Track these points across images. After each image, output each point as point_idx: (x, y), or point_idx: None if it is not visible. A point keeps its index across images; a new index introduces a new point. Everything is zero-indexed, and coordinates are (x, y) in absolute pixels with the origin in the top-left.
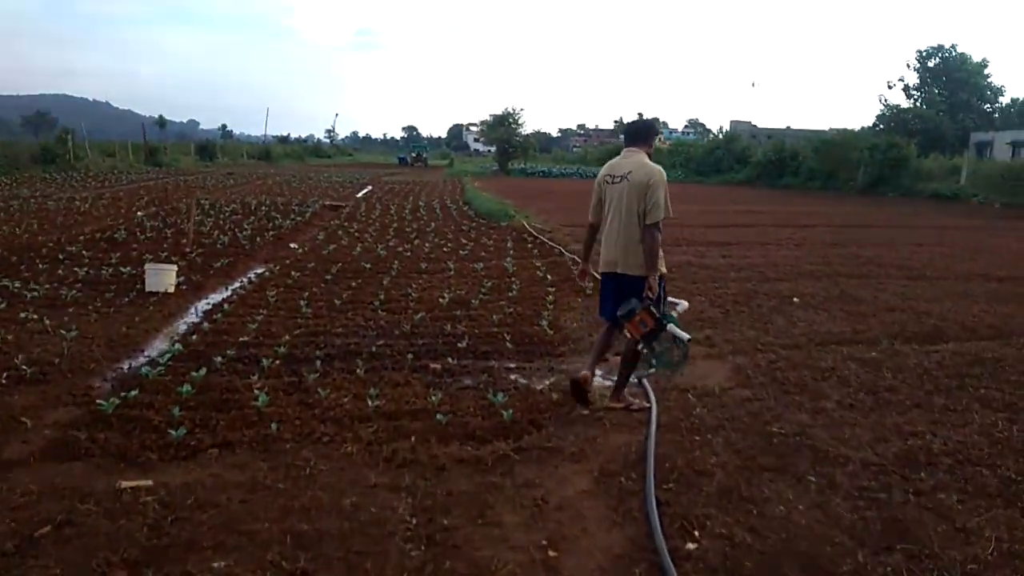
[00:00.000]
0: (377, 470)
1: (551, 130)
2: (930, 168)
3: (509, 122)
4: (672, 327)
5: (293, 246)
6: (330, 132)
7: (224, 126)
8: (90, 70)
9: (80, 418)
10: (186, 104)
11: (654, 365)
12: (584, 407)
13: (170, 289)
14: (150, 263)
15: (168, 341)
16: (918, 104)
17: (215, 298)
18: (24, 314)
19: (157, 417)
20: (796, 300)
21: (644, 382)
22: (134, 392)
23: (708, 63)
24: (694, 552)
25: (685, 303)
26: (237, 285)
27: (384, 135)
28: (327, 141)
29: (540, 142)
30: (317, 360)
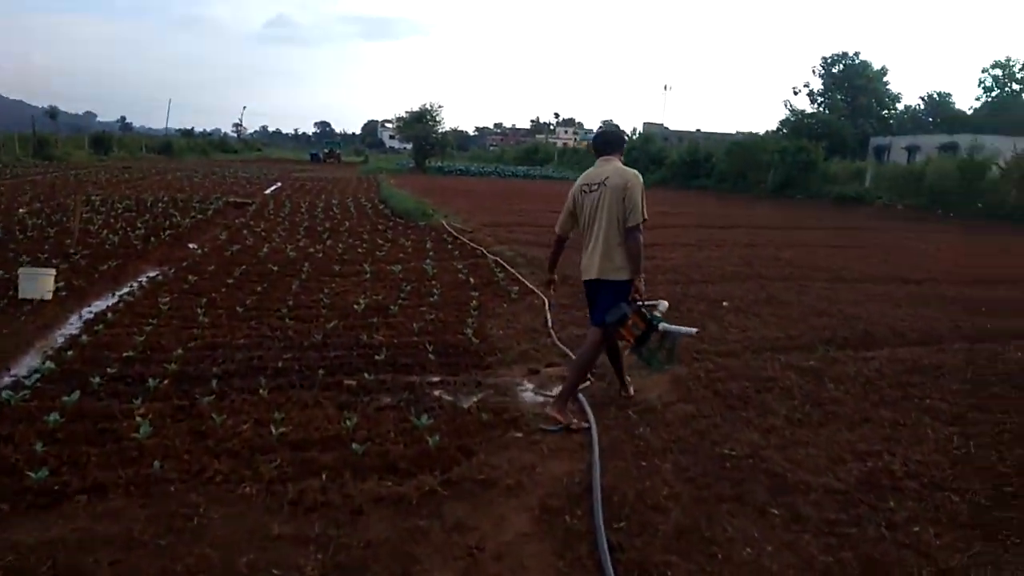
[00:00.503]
0: (280, 516)
1: (468, 128)
2: (836, 171)
3: (427, 119)
4: (673, 326)
5: (192, 246)
6: (237, 126)
7: (123, 118)
8: None
9: None
10: (82, 95)
11: (651, 365)
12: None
13: (47, 296)
14: (25, 267)
15: (40, 357)
16: (822, 109)
17: (99, 306)
18: None
19: (15, 455)
20: (726, 304)
21: (580, 397)
22: None
23: (621, 65)
24: None
25: (665, 302)
26: (126, 291)
27: (296, 130)
28: (234, 136)
29: (457, 140)
30: (213, 379)
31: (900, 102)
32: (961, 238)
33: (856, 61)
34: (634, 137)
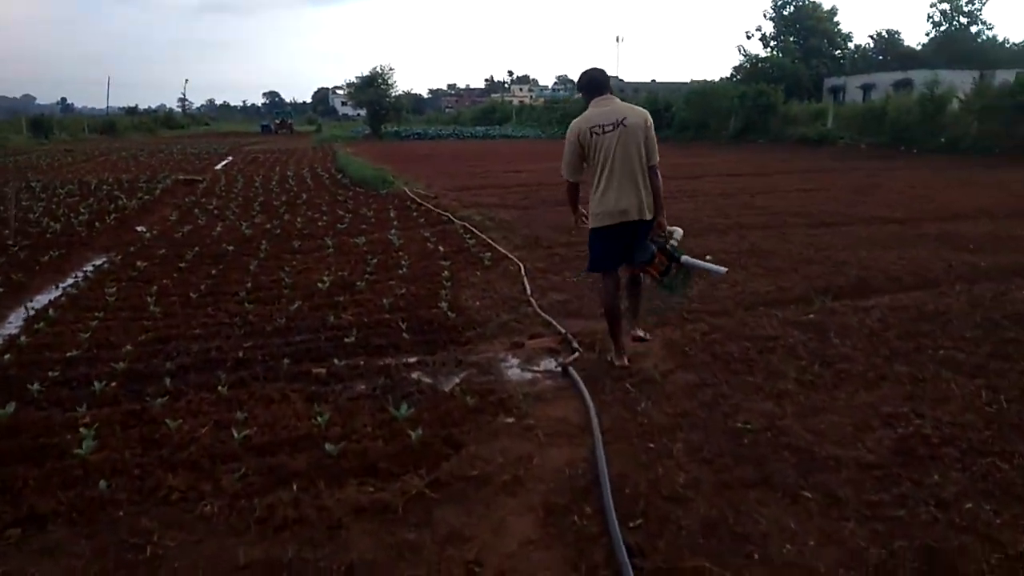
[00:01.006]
0: (247, 538)
1: (421, 91)
2: (796, 113)
3: (379, 83)
4: (702, 261)
5: (140, 229)
6: (183, 101)
7: (63, 100)
8: None
9: None
10: (19, 78)
11: (672, 291)
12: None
13: None
14: None
15: None
16: (775, 53)
17: (41, 300)
18: None
19: None
20: (709, 258)
21: (571, 370)
22: None
23: (572, 19)
24: None
25: (680, 230)
26: (69, 282)
27: (244, 102)
28: (180, 111)
29: (412, 103)
30: (166, 376)
31: (851, 41)
32: (929, 174)
33: (805, 2)
34: None
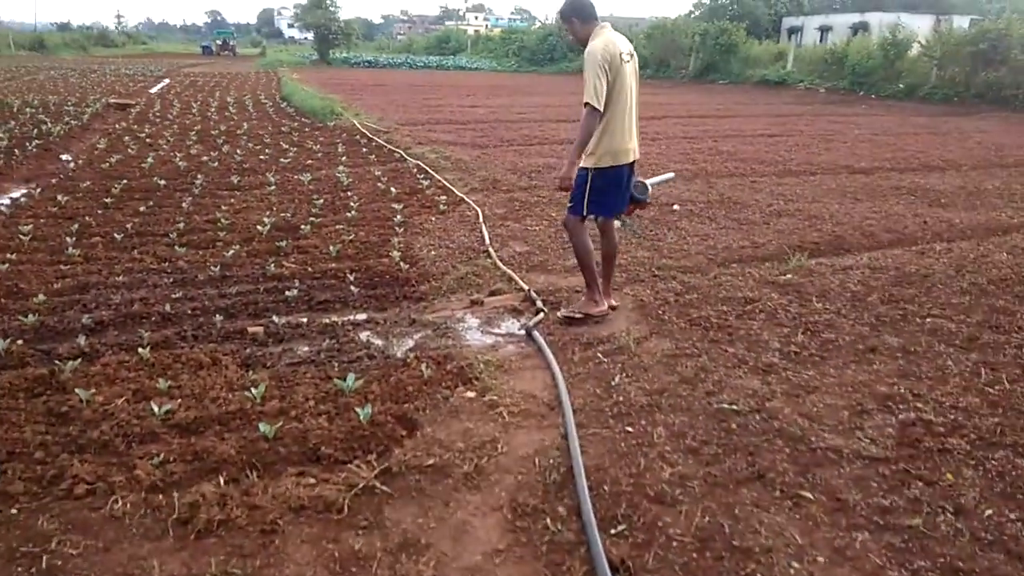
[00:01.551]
0: (164, 546)
1: (373, 16)
2: (758, 54)
3: (327, 4)
4: (655, 178)
5: (65, 158)
6: (119, 18)
7: None
8: None
9: None
10: None
11: (633, 231)
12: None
13: None
14: None
15: None
16: None
17: None
18: None
19: None
20: (677, 208)
21: (535, 335)
22: None
23: None
24: None
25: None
26: None
27: (184, 21)
28: (115, 29)
29: (362, 29)
30: (82, 334)
31: None
32: (891, 121)
33: None
34: (548, 23)
